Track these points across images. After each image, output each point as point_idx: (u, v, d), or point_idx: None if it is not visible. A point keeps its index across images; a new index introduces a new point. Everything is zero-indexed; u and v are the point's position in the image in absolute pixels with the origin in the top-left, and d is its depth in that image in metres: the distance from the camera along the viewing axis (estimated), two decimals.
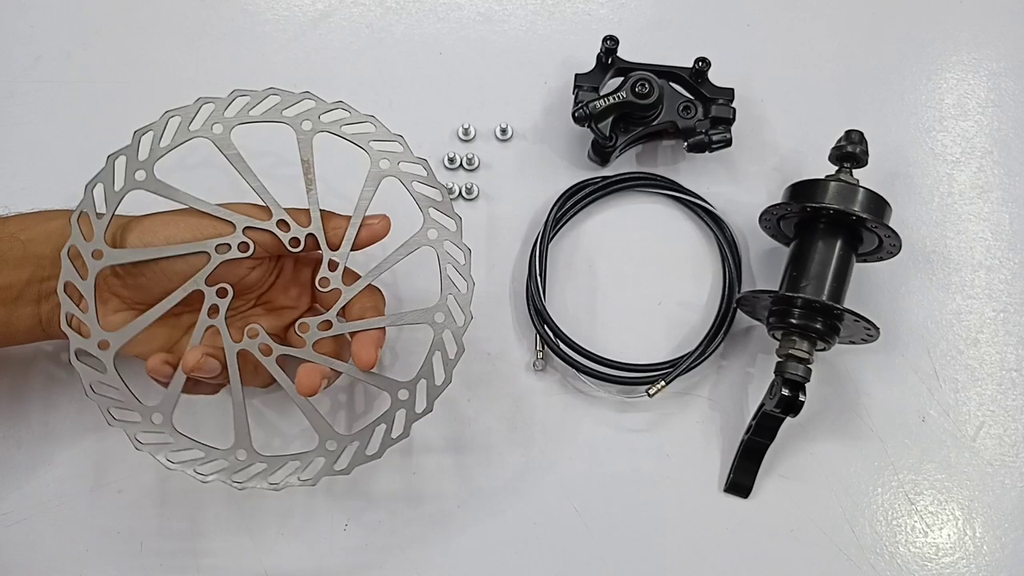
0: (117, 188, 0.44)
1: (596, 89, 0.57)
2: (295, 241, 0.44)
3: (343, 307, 0.45)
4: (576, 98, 0.57)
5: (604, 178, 0.59)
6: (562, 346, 0.54)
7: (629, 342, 0.56)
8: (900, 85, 0.64)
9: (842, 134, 0.53)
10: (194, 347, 0.43)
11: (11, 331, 0.45)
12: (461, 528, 0.52)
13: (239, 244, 0.44)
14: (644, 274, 0.58)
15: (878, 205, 0.51)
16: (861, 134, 0.53)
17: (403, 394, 0.43)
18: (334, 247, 0.45)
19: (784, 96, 0.62)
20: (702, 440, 0.54)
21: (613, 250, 0.58)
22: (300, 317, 0.46)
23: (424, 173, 0.44)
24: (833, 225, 0.52)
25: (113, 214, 0.43)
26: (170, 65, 0.62)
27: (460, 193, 0.58)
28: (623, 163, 0.61)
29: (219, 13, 0.64)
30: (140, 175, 0.44)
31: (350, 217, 0.45)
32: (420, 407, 0.43)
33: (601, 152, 0.58)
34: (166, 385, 0.43)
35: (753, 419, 0.52)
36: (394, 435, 0.43)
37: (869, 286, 0.58)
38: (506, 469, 0.53)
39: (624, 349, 0.55)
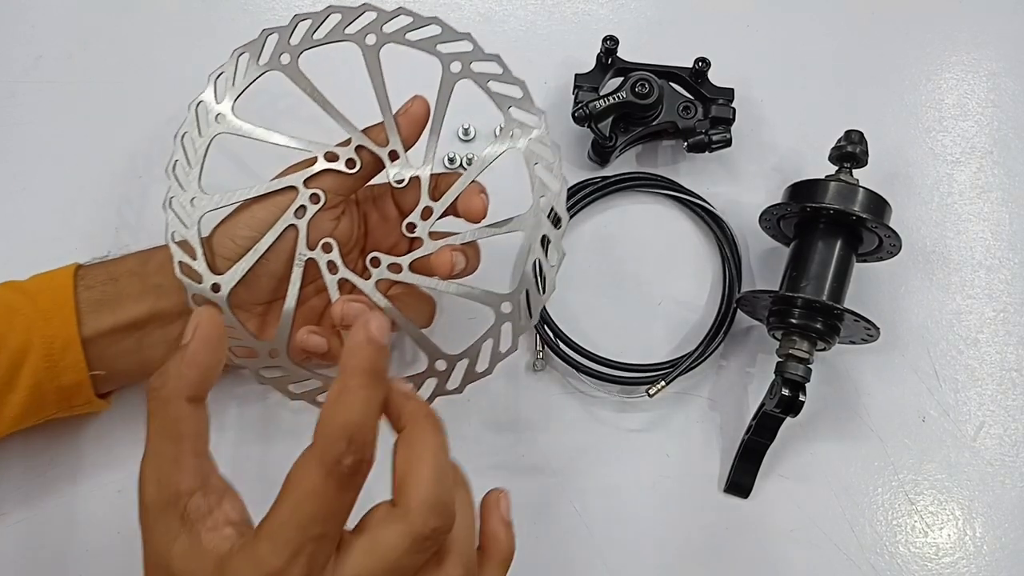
0: (203, 135, 0.45)
1: (596, 89, 0.58)
2: (350, 163, 0.45)
3: (432, 194, 0.45)
4: (576, 98, 0.58)
5: (604, 178, 0.59)
6: (562, 346, 0.55)
7: (629, 342, 0.56)
8: (900, 85, 0.64)
9: (842, 134, 0.54)
10: (335, 301, 0.44)
11: (144, 360, 0.47)
12: None
13: (310, 197, 0.44)
14: (644, 274, 0.58)
15: (878, 205, 0.51)
16: (861, 134, 0.53)
17: (506, 307, 0.43)
18: (386, 146, 0.45)
19: (784, 96, 0.63)
20: (702, 440, 0.55)
21: (613, 250, 0.59)
22: None
23: (499, 70, 0.43)
24: (833, 225, 0.52)
25: (204, 159, 0.44)
26: (171, 65, 0.62)
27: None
28: (623, 163, 0.61)
29: (220, 13, 0.64)
30: (222, 119, 0.45)
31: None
32: (523, 320, 0.43)
33: (601, 152, 0.59)
34: (324, 357, 0.45)
35: (753, 419, 0.53)
36: (502, 349, 0.43)
37: (869, 286, 0.58)
38: (505, 469, 0.54)
39: (624, 349, 0.56)
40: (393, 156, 0.45)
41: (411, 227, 0.45)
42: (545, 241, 0.43)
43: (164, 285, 0.46)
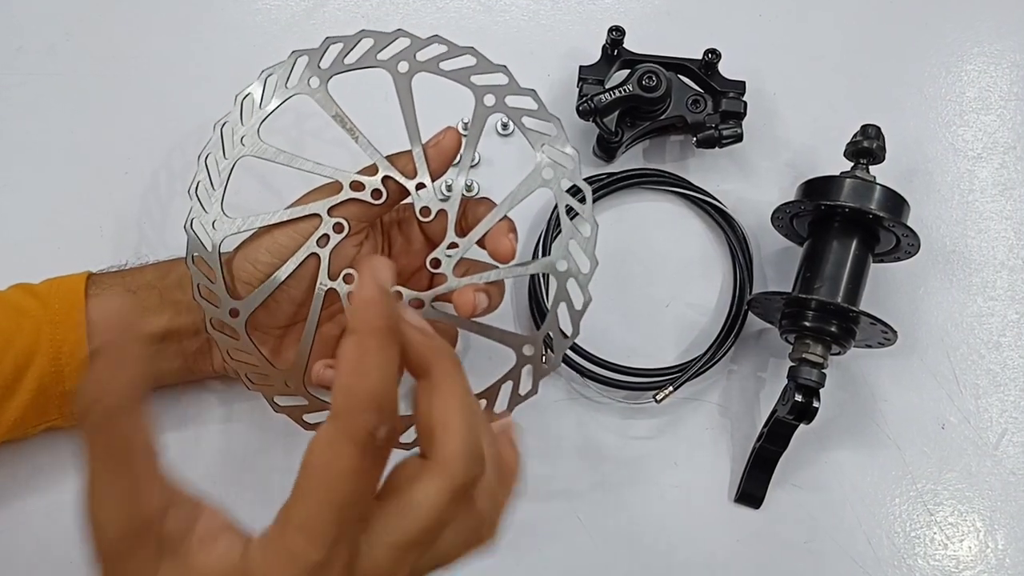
0: (228, 156, 0.45)
1: (601, 82, 0.58)
2: (376, 193, 0.45)
3: (459, 229, 0.45)
4: (580, 91, 0.57)
5: (609, 175, 0.59)
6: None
7: (636, 346, 0.56)
8: (919, 77, 0.64)
9: (858, 129, 0.53)
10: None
11: (156, 372, 0.48)
12: None
13: (334, 226, 0.45)
14: (651, 275, 0.58)
15: (896, 203, 0.51)
16: (878, 129, 0.53)
17: (528, 349, 0.44)
18: (414, 177, 0.45)
19: (797, 89, 0.62)
20: (712, 448, 0.55)
21: (619, 250, 0.58)
22: None
23: (534, 106, 0.44)
24: (849, 224, 0.52)
25: (227, 182, 0.45)
26: (158, 56, 0.62)
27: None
28: (629, 159, 0.61)
29: (209, 2, 0.64)
30: (248, 140, 0.45)
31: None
32: (546, 363, 0.44)
33: (606, 148, 0.58)
34: None
35: (765, 426, 0.52)
36: (522, 392, 0.44)
37: (886, 287, 0.58)
38: None
39: (630, 353, 0.55)
40: (420, 187, 0.45)
41: (436, 263, 0.45)
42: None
43: (183, 302, 0.47)
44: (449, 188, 0.58)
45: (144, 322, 0.46)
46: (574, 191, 0.43)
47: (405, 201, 0.46)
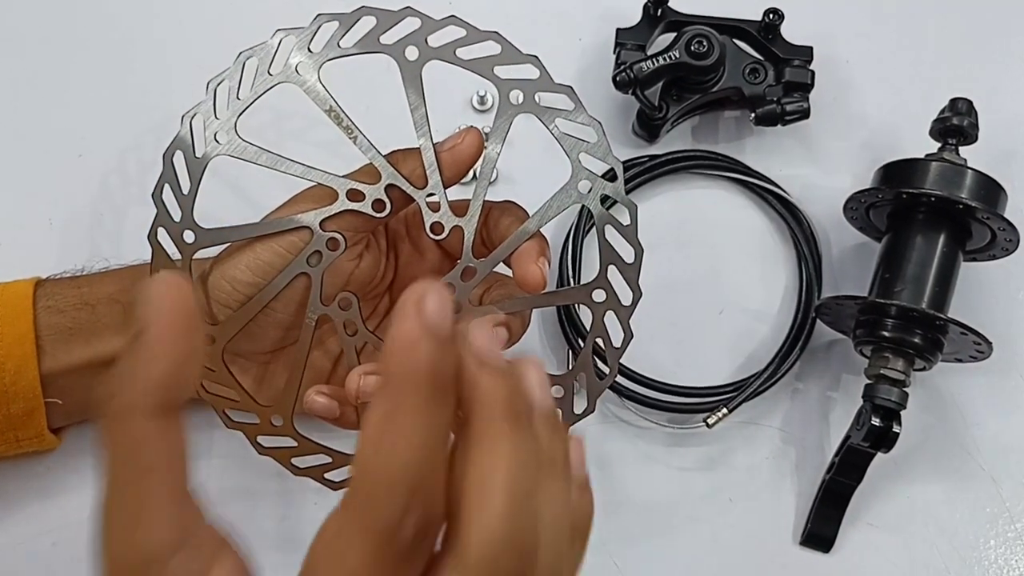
0: (199, 154, 0.44)
1: (643, 48, 0.58)
2: (379, 204, 0.44)
3: (480, 241, 0.45)
4: (618, 59, 0.58)
5: (652, 157, 0.60)
6: (601, 365, 0.55)
7: (684, 360, 0.57)
8: (1017, 43, 0.64)
9: (946, 103, 0.54)
10: (352, 371, 0.44)
11: None
12: None
13: (327, 242, 0.44)
14: (702, 276, 0.59)
15: (991, 191, 0.51)
16: (969, 103, 0.54)
17: (556, 391, 0.44)
18: (424, 187, 0.44)
19: (874, 56, 0.63)
20: (773, 481, 0.55)
21: (664, 246, 0.59)
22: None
23: (570, 105, 0.43)
24: (935, 215, 0.53)
25: (198, 185, 0.44)
26: (118, 18, 0.62)
27: (475, 174, 0.59)
28: (676, 139, 0.62)
29: None
30: (223, 137, 0.44)
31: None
32: (579, 407, 0.44)
33: (649, 125, 0.59)
34: (336, 422, 0.46)
35: (836, 455, 0.53)
36: None
37: (979, 290, 0.59)
38: None
39: (677, 368, 0.56)
40: (432, 203, 0.44)
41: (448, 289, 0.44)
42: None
43: None
44: (474, 176, 0.59)
45: (104, 342, 0.47)
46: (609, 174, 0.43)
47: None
